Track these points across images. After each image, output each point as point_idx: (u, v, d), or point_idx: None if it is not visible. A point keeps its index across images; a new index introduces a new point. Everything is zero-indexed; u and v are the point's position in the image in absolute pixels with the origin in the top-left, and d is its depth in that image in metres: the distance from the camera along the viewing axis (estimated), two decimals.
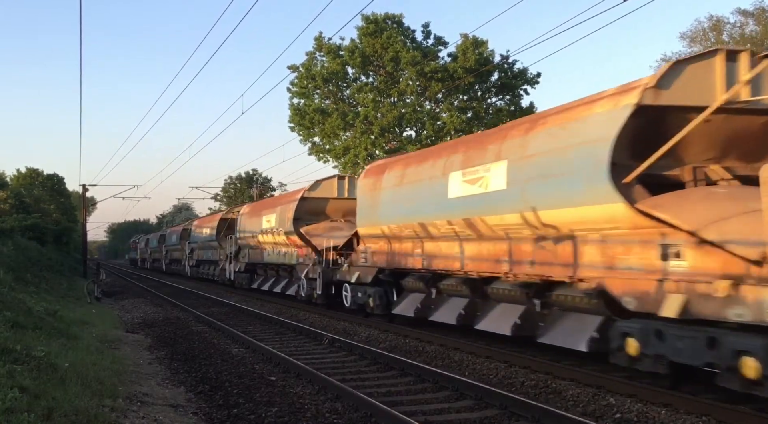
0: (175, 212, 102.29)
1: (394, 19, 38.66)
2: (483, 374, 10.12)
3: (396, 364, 10.65)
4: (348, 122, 38.61)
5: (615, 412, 7.76)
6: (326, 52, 39.59)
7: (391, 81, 38.17)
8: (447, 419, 7.60)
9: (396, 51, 36.62)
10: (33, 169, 77.12)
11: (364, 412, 7.68)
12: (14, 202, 52.86)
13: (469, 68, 35.99)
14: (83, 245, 51.93)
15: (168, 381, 9.98)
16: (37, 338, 10.28)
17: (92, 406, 6.74)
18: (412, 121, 37.52)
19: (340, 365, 11.07)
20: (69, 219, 71.76)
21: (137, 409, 7.59)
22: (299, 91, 40.92)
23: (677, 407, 7.78)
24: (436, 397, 8.61)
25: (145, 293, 31.25)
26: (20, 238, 39.19)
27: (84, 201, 50.93)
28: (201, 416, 7.88)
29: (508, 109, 39.03)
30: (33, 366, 7.77)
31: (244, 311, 20.82)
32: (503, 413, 7.67)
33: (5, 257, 25.79)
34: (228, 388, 9.32)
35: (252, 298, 26.43)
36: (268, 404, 8.24)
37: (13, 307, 12.62)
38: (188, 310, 21.34)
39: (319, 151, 40.84)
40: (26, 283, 22.45)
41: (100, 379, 8.39)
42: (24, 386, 6.58)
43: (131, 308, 23.39)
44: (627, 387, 8.60)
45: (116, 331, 16.03)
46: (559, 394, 8.71)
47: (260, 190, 64.56)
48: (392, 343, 13.50)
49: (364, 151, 37.37)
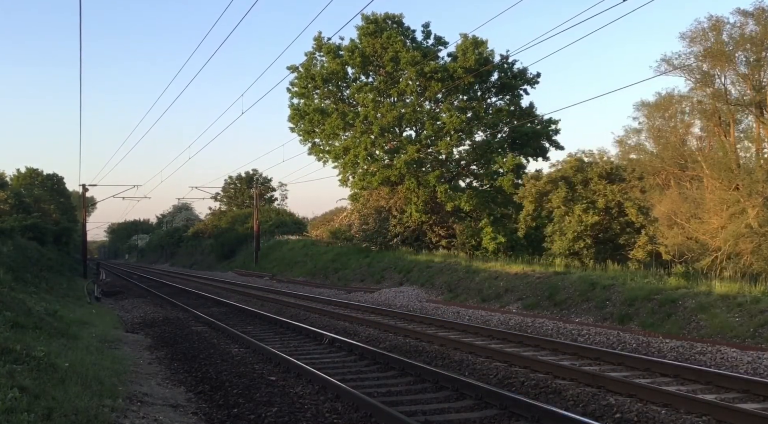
0: (175, 211, 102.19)
1: (393, 19, 38.68)
2: (483, 374, 10.12)
3: (396, 364, 10.64)
4: (348, 122, 38.60)
5: (615, 412, 7.76)
6: (326, 52, 39.59)
7: (390, 81, 38.15)
8: (447, 419, 7.59)
9: (396, 51, 36.61)
10: (33, 169, 77.25)
11: (364, 412, 7.68)
12: (14, 202, 52.93)
13: (468, 68, 35.97)
14: (83, 245, 51.93)
15: (168, 381, 9.98)
16: (37, 338, 10.27)
17: (92, 406, 6.73)
18: (411, 121, 37.50)
19: (340, 365, 11.06)
20: (69, 219, 71.81)
21: (137, 409, 7.59)
22: (299, 92, 40.93)
23: (677, 407, 7.79)
24: (436, 397, 8.61)
25: (145, 293, 31.24)
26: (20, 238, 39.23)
27: (84, 201, 50.96)
28: (201, 416, 7.88)
29: (508, 109, 39.04)
30: (33, 366, 7.77)
31: (244, 311, 20.82)
32: (503, 413, 7.67)
33: (5, 257, 25.81)
34: (228, 388, 9.32)
35: (252, 298, 26.43)
36: (268, 404, 8.24)
37: (13, 307, 12.62)
38: (188, 310, 21.34)
39: (318, 151, 40.85)
40: (26, 283, 22.46)
41: (100, 379, 8.39)
42: (24, 386, 6.57)
43: (131, 308, 23.40)
44: (627, 387, 8.61)
45: (116, 331, 16.03)
46: (559, 394, 8.71)
47: (260, 190, 64.49)
48: (392, 343, 13.51)
49: (363, 151, 37.37)
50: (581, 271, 20.41)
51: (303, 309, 21.05)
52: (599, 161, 31.58)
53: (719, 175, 24.86)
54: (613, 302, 15.90)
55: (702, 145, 28.30)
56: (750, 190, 23.43)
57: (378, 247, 35.87)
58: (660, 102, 28.59)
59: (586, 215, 29.51)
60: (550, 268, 21.43)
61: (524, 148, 38.04)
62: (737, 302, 13.31)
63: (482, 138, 39.09)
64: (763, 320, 12.20)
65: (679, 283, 15.91)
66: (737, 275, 19.47)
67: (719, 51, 24.77)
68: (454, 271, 24.64)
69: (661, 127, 28.90)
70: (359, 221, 38.11)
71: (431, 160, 38.48)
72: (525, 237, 34.49)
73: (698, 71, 25.94)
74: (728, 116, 25.72)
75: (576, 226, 29.60)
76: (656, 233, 27.25)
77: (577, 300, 17.14)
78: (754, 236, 22.85)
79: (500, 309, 18.77)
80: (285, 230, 59.99)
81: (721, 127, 26.06)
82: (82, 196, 50.50)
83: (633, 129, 30.17)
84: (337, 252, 38.19)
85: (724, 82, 25.73)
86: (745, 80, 25.12)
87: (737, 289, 14.34)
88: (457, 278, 23.72)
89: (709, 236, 24.47)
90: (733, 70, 25.27)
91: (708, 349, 11.43)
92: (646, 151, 29.74)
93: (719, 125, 26.08)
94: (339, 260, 36.24)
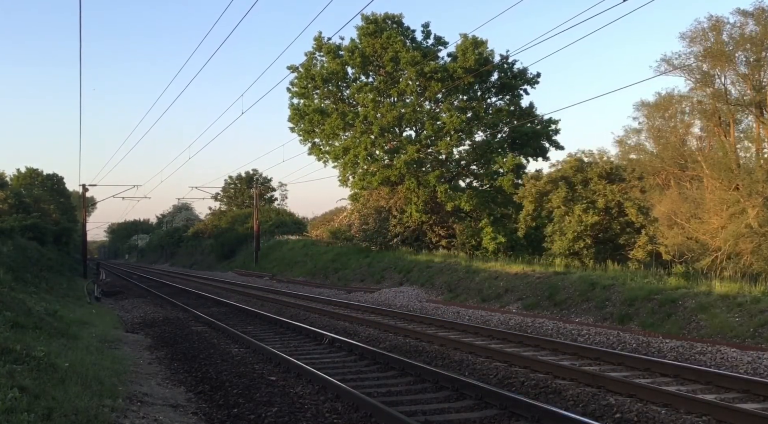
0: (175, 211, 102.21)
1: (393, 19, 38.68)
2: (483, 374, 10.12)
3: (396, 364, 10.64)
4: (348, 122, 38.60)
5: (615, 412, 7.75)
6: (326, 52, 39.59)
7: (390, 81, 38.15)
8: (447, 419, 7.59)
9: (396, 51, 36.61)
10: (33, 169, 77.30)
11: (364, 412, 7.68)
12: (14, 202, 52.95)
13: (468, 68, 35.96)
14: (83, 245, 51.93)
15: (168, 381, 9.97)
16: (37, 338, 10.27)
17: (92, 406, 6.73)
18: (411, 121, 37.50)
19: (341, 365, 11.06)
20: (69, 219, 71.83)
21: (137, 409, 7.59)
22: (299, 92, 40.93)
23: (677, 407, 7.79)
24: (436, 397, 8.60)
25: (145, 293, 31.23)
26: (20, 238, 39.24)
27: (84, 201, 50.96)
28: (201, 416, 7.88)
29: (508, 109, 39.04)
30: (33, 366, 7.77)
31: (244, 311, 20.81)
32: (503, 413, 7.67)
33: (5, 257, 25.82)
34: (228, 388, 9.32)
35: (252, 298, 26.42)
36: (268, 404, 8.24)
37: (13, 307, 12.62)
38: (188, 310, 21.34)
39: (318, 151, 40.85)
40: (26, 283, 22.46)
41: (100, 379, 8.39)
42: (24, 386, 6.57)
43: (131, 308, 23.40)
44: (627, 387, 8.61)
45: (116, 331, 16.03)
46: (559, 394, 8.71)
47: (260, 190, 64.51)
48: (392, 343, 13.50)
49: (363, 151, 37.37)
50: (581, 271, 20.41)
51: (303, 309, 21.05)
52: (599, 161, 31.59)
53: (719, 175, 24.87)
54: (613, 302, 15.90)
55: (702, 145, 28.31)
56: (750, 190, 23.43)
57: (378, 247, 35.87)
58: (660, 102, 28.61)
59: (586, 215, 29.51)
60: (550, 268, 21.43)
61: (524, 148, 38.05)
62: (737, 302, 13.31)
63: (482, 138, 39.12)
64: (763, 320, 12.20)
65: (679, 283, 15.91)
66: (737, 275, 19.48)
67: (719, 51, 24.77)
68: (454, 271, 24.64)
69: (661, 127, 28.91)
70: (359, 221, 38.11)
71: (431, 160, 38.49)
72: (525, 237, 34.50)
73: (698, 71, 25.96)
74: (728, 116, 25.73)
75: (576, 226, 29.60)
76: (656, 233, 27.26)
77: (577, 300, 17.14)
78: (754, 236, 22.86)
79: (500, 309, 18.77)
80: (285, 230, 59.99)
81: (721, 127, 26.07)
82: (82, 196, 50.50)
83: (633, 129, 30.22)
84: (337, 252, 38.19)
85: (724, 82, 25.76)
86: (745, 80, 25.12)
87: (737, 289, 14.34)
88: (457, 278, 23.72)
89: (709, 236, 24.47)
90: (733, 70, 25.29)
91: (708, 349, 11.43)
92: (646, 151, 29.76)
93: (719, 125, 26.08)
94: (339, 260, 36.24)
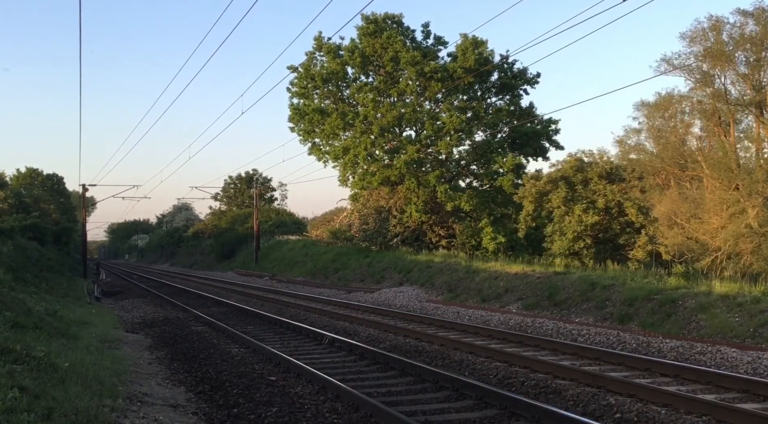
0: (175, 211, 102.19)
1: (393, 19, 38.68)
2: (483, 374, 10.12)
3: (396, 364, 10.64)
4: (348, 122, 38.60)
5: (615, 412, 7.75)
6: (326, 52, 39.59)
7: (390, 81, 38.15)
8: (447, 419, 7.59)
9: (396, 51, 36.61)
10: (33, 169, 77.31)
11: (364, 412, 7.68)
12: (14, 202, 52.94)
13: (468, 68, 35.96)
14: (83, 245, 51.92)
15: (168, 381, 9.97)
16: (37, 338, 10.27)
17: (92, 406, 6.73)
18: (411, 121, 37.50)
19: (340, 365, 11.06)
20: (69, 219, 71.82)
21: (137, 409, 7.59)
22: (299, 92, 40.93)
23: (677, 407, 7.79)
24: (436, 397, 8.60)
25: (145, 293, 31.24)
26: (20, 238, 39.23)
27: (84, 201, 50.96)
28: (201, 416, 7.88)
29: (508, 109, 39.04)
30: (33, 366, 7.77)
31: (244, 311, 20.82)
32: (503, 413, 7.66)
33: (5, 257, 25.81)
34: (228, 388, 9.32)
35: (252, 298, 26.43)
36: (268, 404, 8.24)
37: (13, 307, 12.62)
38: (188, 310, 21.34)
39: (318, 151, 40.85)
40: (26, 283, 22.46)
41: (100, 379, 8.39)
42: (24, 386, 6.57)
43: (131, 308, 23.40)
44: (627, 387, 8.61)
45: (116, 331, 16.03)
46: (559, 394, 8.71)
47: (260, 190, 64.51)
48: (392, 343, 13.50)
49: (363, 151, 37.37)
50: (581, 271, 20.41)
51: (303, 309, 21.05)
52: (599, 161, 31.59)
53: (719, 175, 24.87)
54: (613, 302, 15.90)
55: (702, 145, 28.32)
56: (750, 190, 23.44)
57: (378, 247, 35.87)
58: (660, 102, 28.61)
59: (586, 215, 29.51)
60: (550, 268, 21.43)
61: (524, 148, 38.04)
62: (737, 302, 13.31)
63: (482, 138, 39.11)
64: (763, 320, 12.20)
65: (679, 283, 15.91)
66: (737, 275, 19.48)
67: (719, 51, 24.78)
68: (454, 271, 24.64)
69: (661, 127, 28.92)
70: (359, 221, 38.10)
71: (431, 160, 38.49)
72: (525, 237, 34.49)
73: (698, 71, 25.96)
74: (728, 116, 25.73)
75: (576, 226, 29.60)
76: (656, 233, 27.26)
77: (577, 300, 17.14)
78: (754, 236, 22.86)
79: (500, 309, 18.77)
80: (285, 230, 59.99)
81: (721, 127, 26.07)
82: (82, 196, 50.50)
83: (633, 129, 30.24)
84: (337, 252, 38.20)
85: (724, 82, 25.76)
86: (745, 80, 25.12)
87: (737, 289, 14.34)
88: (457, 278, 23.72)
89: (709, 236, 24.47)
90: (733, 70, 25.29)
91: (708, 349, 11.43)
92: (646, 151, 29.77)
93: (719, 125, 26.08)
94: (339, 260, 36.24)
